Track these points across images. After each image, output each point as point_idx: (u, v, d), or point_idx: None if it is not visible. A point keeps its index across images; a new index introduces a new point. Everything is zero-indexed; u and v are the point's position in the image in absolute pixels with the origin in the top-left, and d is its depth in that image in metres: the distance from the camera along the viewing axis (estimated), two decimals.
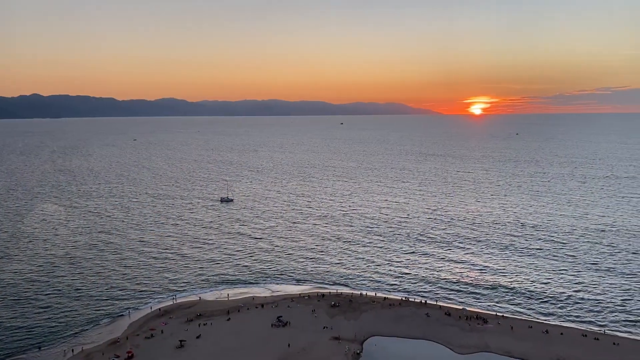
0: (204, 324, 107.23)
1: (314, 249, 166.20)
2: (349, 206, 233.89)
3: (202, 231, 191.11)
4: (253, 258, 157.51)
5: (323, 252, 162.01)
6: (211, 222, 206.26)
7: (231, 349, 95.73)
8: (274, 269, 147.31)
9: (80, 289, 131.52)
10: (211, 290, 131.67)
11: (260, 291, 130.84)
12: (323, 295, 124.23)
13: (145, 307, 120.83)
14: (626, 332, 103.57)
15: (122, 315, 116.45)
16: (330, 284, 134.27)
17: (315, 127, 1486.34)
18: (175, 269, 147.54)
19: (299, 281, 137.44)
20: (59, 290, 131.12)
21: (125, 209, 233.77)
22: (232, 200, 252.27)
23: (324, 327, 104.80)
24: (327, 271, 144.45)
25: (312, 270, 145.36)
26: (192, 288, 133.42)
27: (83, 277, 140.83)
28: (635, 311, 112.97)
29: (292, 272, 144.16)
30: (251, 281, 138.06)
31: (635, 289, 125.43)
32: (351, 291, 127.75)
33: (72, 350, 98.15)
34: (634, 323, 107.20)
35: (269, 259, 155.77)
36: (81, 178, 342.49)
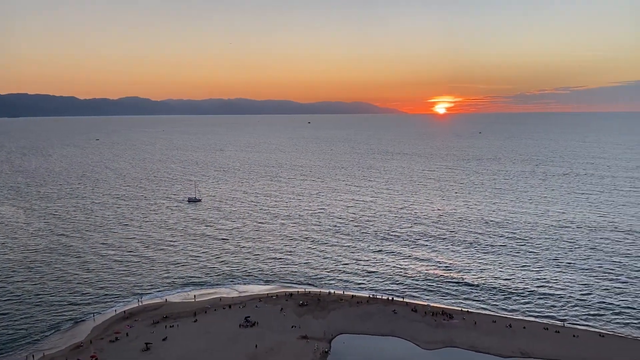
0: (171, 326, 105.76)
1: (281, 248, 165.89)
2: (317, 205, 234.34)
3: (168, 232, 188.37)
4: (220, 259, 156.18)
5: (291, 252, 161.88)
6: (178, 222, 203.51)
7: (198, 350, 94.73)
8: (241, 269, 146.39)
9: (40, 295, 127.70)
10: (177, 292, 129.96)
11: (227, 292, 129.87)
12: (291, 294, 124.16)
13: (109, 310, 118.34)
14: (585, 325, 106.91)
15: (85, 319, 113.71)
16: (298, 284, 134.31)
17: (282, 126, 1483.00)
18: (140, 271, 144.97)
19: (266, 281, 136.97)
20: (18, 296, 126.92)
21: (88, 210, 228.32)
22: (199, 200, 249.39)
23: (292, 327, 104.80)
24: (295, 271, 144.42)
25: (280, 270, 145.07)
26: (158, 290, 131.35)
27: (43, 282, 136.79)
28: (594, 305, 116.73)
29: (259, 272, 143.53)
30: (218, 282, 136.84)
31: (594, 283, 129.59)
32: (319, 290, 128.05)
33: (33, 356, 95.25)
34: (593, 316, 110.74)
35: (236, 260, 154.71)
36: (41, 179, 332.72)
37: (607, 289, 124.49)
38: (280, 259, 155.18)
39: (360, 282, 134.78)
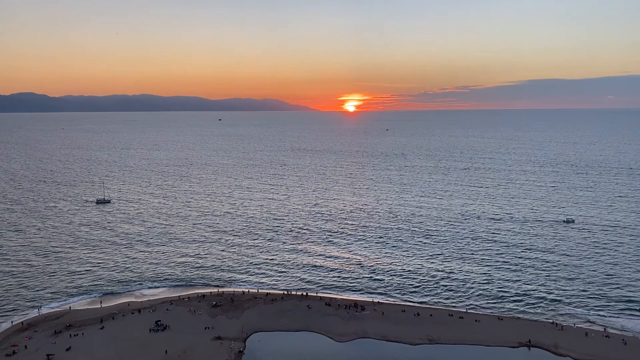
0: (75, 335, 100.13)
1: (193, 249, 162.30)
2: (229, 204, 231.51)
3: (72, 235, 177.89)
4: (129, 262, 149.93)
5: (203, 252, 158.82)
6: (84, 225, 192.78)
7: (105, 358, 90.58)
8: (152, 272, 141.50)
9: None
10: (82, 299, 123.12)
11: (136, 296, 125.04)
12: (204, 295, 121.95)
13: (4, 323, 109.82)
14: (486, 309, 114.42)
15: None
16: (211, 284, 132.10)
17: (192, 123, 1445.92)
18: (40, 279, 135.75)
19: (178, 284, 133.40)
20: None
21: None
22: (109, 201, 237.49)
23: (206, 328, 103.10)
24: (208, 271, 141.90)
25: (192, 272, 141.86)
26: (61, 298, 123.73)
27: None
28: (494, 291, 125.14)
29: (171, 275, 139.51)
30: (127, 286, 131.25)
31: (494, 271, 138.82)
32: (233, 290, 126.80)
33: None
34: (494, 302, 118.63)
35: (146, 262, 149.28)
36: None
37: (505, 277, 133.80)
38: (192, 260, 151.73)
39: (274, 279, 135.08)
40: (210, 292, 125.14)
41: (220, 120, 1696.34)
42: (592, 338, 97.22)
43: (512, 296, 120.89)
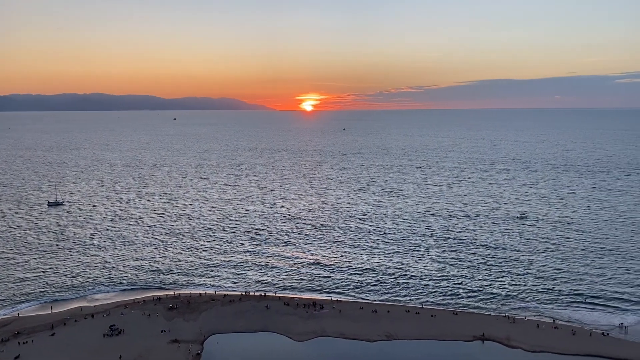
0: (24, 343, 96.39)
1: (148, 251, 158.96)
2: (185, 205, 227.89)
3: (20, 240, 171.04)
4: (82, 265, 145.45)
5: (159, 254, 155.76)
6: (33, 228, 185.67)
7: None
8: (105, 276, 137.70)
9: None
10: (32, 305, 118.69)
11: (89, 301, 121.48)
12: (159, 298, 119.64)
13: None
14: (441, 305, 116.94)
15: None
16: (168, 287, 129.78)
17: (146, 122, 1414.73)
18: None
19: (133, 287, 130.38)
20: None
21: None
22: (61, 203, 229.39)
23: (162, 331, 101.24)
24: (164, 274, 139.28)
25: (147, 274, 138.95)
26: (8, 304, 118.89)
27: None
28: (449, 287, 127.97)
29: (125, 278, 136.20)
30: (80, 291, 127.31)
31: (449, 267, 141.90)
32: (190, 292, 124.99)
33: None
34: (449, 298, 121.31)
35: (100, 266, 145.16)
36: None
37: (460, 273, 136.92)
38: (147, 263, 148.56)
39: (232, 281, 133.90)
40: (166, 294, 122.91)
41: (175, 119, 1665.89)
42: (542, 330, 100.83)
43: (466, 292, 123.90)
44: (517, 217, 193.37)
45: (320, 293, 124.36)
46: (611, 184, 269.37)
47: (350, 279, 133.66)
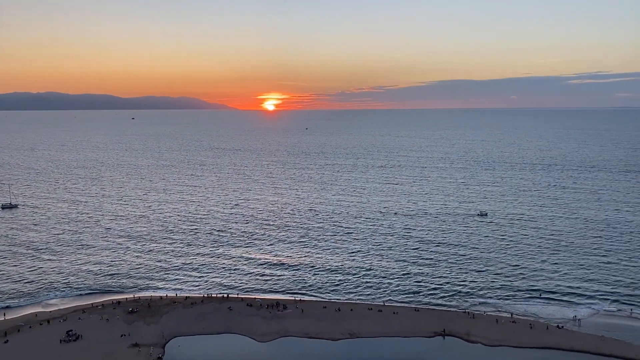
0: None
1: (106, 254, 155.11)
2: (144, 207, 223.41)
3: None
4: (37, 270, 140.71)
5: (117, 258, 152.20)
6: None
7: None
8: (62, 280, 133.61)
9: None
10: None
11: (45, 306, 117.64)
12: (119, 302, 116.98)
13: None
14: (403, 302, 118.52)
15: None
16: (127, 290, 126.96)
17: (103, 122, 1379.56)
18: None
19: (91, 291, 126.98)
20: None
21: None
22: (16, 206, 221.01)
23: (122, 335, 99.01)
24: (123, 278, 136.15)
25: (106, 278, 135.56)
26: None
27: None
28: (411, 285, 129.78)
29: (82, 282, 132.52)
30: (34, 296, 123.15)
31: (411, 266, 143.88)
32: (150, 295, 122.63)
33: None
34: (411, 296, 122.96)
35: (56, 271, 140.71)
36: None
37: (422, 271, 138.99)
38: (105, 267, 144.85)
39: (194, 283, 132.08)
40: (126, 298, 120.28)
41: (133, 119, 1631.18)
42: (501, 324, 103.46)
43: (428, 289, 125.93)
44: (477, 214, 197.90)
45: (284, 294, 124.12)
46: (565, 182, 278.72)
47: (314, 278, 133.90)
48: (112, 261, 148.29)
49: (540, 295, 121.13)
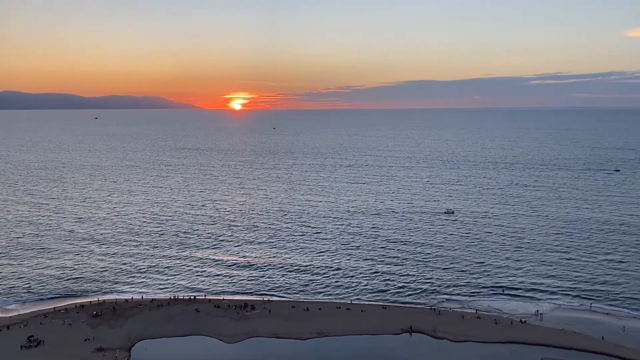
0: None
1: (70, 258, 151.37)
2: (110, 208, 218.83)
3: None
4: None
5: (81, 261, 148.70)
6: None
7: None
8: (22, 285, 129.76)
9: None
10: None
11: (4, 311, 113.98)
12: (82, 306, 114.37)
13: None
14: (371, 300, 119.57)
15: None
16: (91, 294, 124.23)
17: (65, 122, 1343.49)
18: None
19: (53, 295, 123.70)
20: None
21: None
22: None
23: (86, 340, 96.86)
24: (87, 281, 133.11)
25: (68, 283, 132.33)
26: None
27: None
28: (378, 283, 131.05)
29: (44, 287, 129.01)
30: None
31: (379, 264, 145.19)
32: (115, 298, 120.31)
33: None
34: (379, 294, 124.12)
35: (16, 276, 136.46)
36: None
37: (390, 270, 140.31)
38: (68, 270, 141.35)
39: (160, 286, 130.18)
40: (90, 301, 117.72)
41: (96, 118, 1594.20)
42: (467, 320, 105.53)
43: (395, 287, 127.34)
44: (445, 212, 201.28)
45: (252, 295, 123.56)
46: (526, 180, 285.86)
47: (282, 279, 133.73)
48: (75, 265, 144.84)
49: (503, 291, 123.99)
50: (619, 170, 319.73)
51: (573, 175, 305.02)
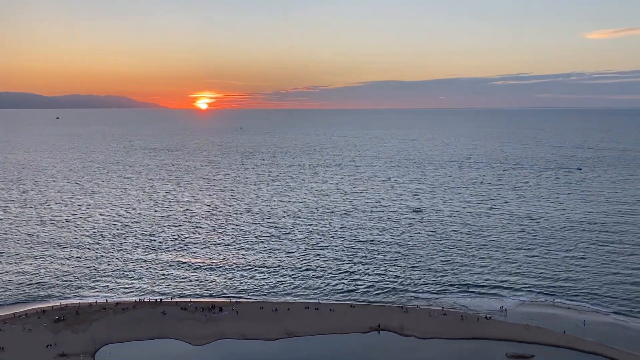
0: None
1: (30, 262, 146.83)
2: (72, 210, 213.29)
3: None
4: None
5: (42, 265, 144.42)
6: None
7: None
8: None
9: None
10: None
11: None
12: (44, 311, 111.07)
13: None
14: (338, 300, 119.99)
15: None
16: (53, 298, 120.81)
17: (24, 122, 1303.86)
18: None
19: (13, 301, 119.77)
20: None
21: None
22: None
23: (48, 346, 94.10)
24: (48, 286, 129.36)
25: (29, 286, 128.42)
26: None
27: None
28: (346, 283, 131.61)
29: (2, 292, 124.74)
30: None
31: (347, 263, 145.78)
32: (78, 302, 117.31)
33: None
34: (348, 293, 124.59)
35: None
36: None
37: (358, 269, 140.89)
38: (28, 275, 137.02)
39: (125, 290, 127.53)
40: (52, 306, 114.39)
41: (58, 118, 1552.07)
42: (434, 317, 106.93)
43: (363, 286, 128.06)
44: (413, 211, 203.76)
45: (220, 297, 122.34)
46: (490, 179, 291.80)
47: (251, 280, 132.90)
48: (36, 269, 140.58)
49: (469, 288, 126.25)
50: (580, 169, 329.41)
51: (535, 173, 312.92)
